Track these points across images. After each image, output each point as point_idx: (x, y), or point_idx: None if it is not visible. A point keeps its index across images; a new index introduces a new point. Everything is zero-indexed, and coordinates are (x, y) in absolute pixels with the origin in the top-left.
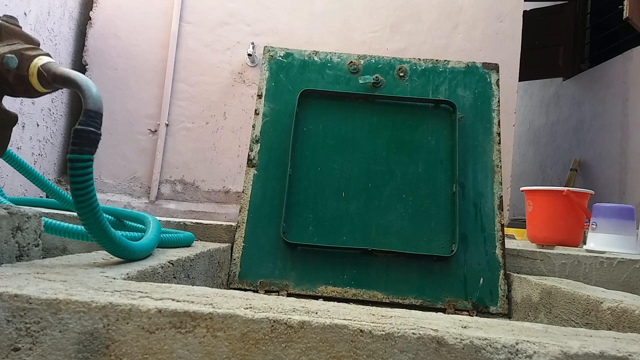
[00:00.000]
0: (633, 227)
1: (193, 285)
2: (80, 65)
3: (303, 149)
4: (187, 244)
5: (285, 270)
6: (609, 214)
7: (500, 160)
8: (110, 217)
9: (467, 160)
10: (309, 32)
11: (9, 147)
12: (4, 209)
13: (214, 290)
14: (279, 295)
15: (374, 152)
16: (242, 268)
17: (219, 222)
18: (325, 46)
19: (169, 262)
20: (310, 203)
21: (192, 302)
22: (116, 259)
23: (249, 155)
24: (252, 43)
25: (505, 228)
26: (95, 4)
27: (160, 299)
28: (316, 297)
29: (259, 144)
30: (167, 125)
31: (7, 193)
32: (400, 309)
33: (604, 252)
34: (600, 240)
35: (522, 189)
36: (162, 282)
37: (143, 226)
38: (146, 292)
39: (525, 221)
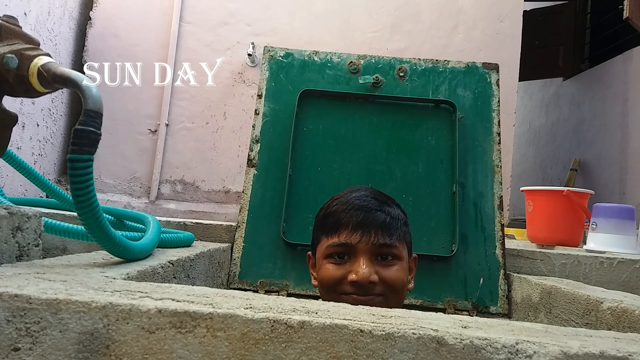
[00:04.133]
0: (633, 227)
1: (193, 285)
2: (80, 65)
3: (303, 149)
4: (187, 244)
5: (285, 270)
6: (609, 214)
7: (500, 160)
8: (110, 217)
9: (467, 160)
10: (309, 32)
11: (9, 147)
12: (4, 209)
13: (214, 290)
14: (279, 295)
15: (374, 152)
16: (242, 268)
17: (219, 222)
18: (325, 46)
19: (169, 262)
20: (310, 203)
21: (192, 302)
22: (116, 259)
23: (249, 155)
24: (252, 43)
25: (505, 228)
26: (95, 4)
27: (160, 299)
28: (316, 297)
29: (259, 144)
30: (167, 125)
31: (7, 193)
32: (400, 309)
33: (604, 252)
34: (600, 240)
35: (522, 189)
36: (162, 282)
37: (143, 226)
38: (146, 292)
39: (525, 221)
